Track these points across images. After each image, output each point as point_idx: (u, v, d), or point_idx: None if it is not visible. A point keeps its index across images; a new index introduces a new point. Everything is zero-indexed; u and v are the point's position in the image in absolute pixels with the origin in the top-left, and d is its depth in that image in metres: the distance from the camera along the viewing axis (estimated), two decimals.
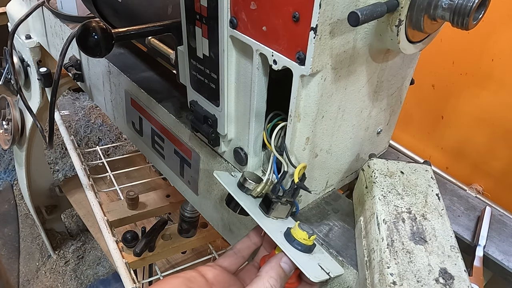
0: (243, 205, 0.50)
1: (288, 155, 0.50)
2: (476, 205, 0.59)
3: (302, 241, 0.46)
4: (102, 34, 0.55)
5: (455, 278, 0.41)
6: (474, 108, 0.81)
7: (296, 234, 0.46)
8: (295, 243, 0.46)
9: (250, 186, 0.52)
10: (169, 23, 0.64)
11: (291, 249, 0.46)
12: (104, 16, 0.91)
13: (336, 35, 0.41)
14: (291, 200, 0.50)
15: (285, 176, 0.51)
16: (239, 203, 0.50)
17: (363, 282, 0.46)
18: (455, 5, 0.40)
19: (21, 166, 1.62)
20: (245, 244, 0.54)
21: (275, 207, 0.49)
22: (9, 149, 1.59)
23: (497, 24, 0.72)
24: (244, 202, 0.50)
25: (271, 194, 0.50)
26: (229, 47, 0.50)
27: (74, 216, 2.13)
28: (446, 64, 0.82)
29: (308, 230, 0.46)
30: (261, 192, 0.52)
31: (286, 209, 0.50)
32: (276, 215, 0.50)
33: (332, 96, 0.47)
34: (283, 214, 0.51)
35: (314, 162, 0.53)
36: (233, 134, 0.59)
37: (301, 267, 0.43)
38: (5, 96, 1.47)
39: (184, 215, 1.21)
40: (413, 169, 0.53)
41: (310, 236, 0.46)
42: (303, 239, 0.46)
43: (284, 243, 0.46)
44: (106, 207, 1.26)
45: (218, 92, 0.55)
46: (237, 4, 0.46)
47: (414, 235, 0.46)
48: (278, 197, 0.50)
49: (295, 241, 0.46)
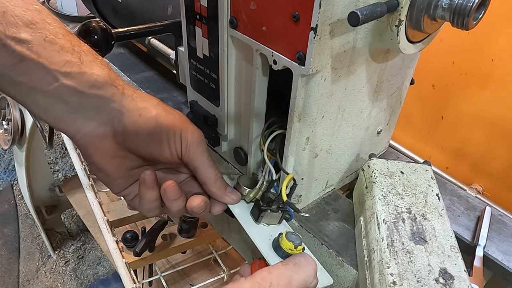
0: (234, 212, 0.50)
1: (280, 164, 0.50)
2: (476, 205, 0.59)
3: (288, 251, 0.45)
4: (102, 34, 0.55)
5: (455, 278, 0.41)
6: (474, 108, 0.81)
7: (283, 244, 0.45)
8: (282, 253, 0.45)
9: (243, 192, 0.52)
10: (169, 23, 0.64)
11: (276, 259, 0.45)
12: (104, 16, 0.91)
13: (336, 35, 0.41)
14: (283, 207, 0.50)
15: (273, 185, 0.51)
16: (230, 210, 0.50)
17: (363, 282, 0.46)
18: (455, 5, 0.40)
19: (21, 166, 1.62)
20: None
21: (264, 215, 0.49)
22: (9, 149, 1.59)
23: (497, 24, 0.72)
24: (236, 208, 0.50)
25: (261, 203, 0.50)
26: (229, 47, 0.50)
27: (74, 216, 2.13)
28: (446, 64, 0.82)
29: (295, 240, 0.45)
30: (254, 197, 0.52)
31: (277, 216, 0.50)
32: (267, 221, 0.50)
33: (332, 96, 0.47)
34: (274, 221, 0.50)
35: (314, 162, 0.53)
36: (233, 134, 0.59)
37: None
38: (5, 96, 1.47)
39: (184, 215, 1.21)
40: (413, 169, 0.53)
41: (296, 246, 0.45)
42: (289, 249, 0.45)
43: (269, 252, 0.45)
44: (106, 207, 1.26)
45: (218, 92, 0.55)
46: (237, 4, 0.46)
47: (414, 235, 0.46)
48: (269, 204, 0.50)
49: (282, 251, 0.45)
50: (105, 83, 0.42)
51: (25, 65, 0.38)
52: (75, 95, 0.41)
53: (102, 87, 0.42)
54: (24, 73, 0.38)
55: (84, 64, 0.41)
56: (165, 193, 0.46)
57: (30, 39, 0.37)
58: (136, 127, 0.44)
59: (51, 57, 0.39)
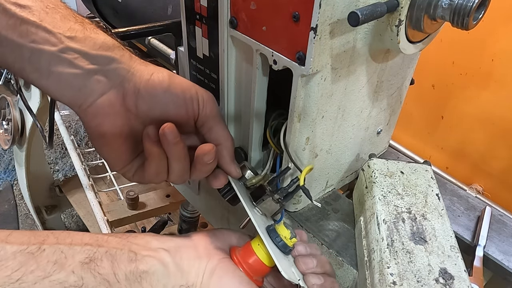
0: (236, 189, 0.49)
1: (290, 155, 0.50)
2: (476, 205, 0.59)
3: (284, 238, 0.45)
4: None
5: (455, 278, 0.41)
6: (474, 108, 0.81)
7: (280, 230, 0.45)
8: (276, 239, 0.45)
9: (247, 175, 0.51)
10: (169, 23, 0.64)
11: (271, 243, 0.45)
12: (104, 16, 0.91)
13: (336, 35, 0.41)
14: (282, 202, 0.49)
15: (287, 172, 0.51)
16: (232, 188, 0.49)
17: (363, 282, 0.46)
18: (455, 5, 0.40)
19: (21, 166, 1.62)
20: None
21: (265, 199, 0.49)
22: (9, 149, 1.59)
23: (497, 24, 0.72)
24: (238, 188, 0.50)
25: (267, 185, 0.49)
26: (229, 47, 0.50)
27: (74, 216, 2.13)
28: (446, 64, 0.82)
29: (291, 232, 0.45)
30: (255, 184, 0.51)
31: (273, 208, 0.50)
32: (263, 209, 0.49)
33: (332, 96, 0.47)
34: (268, 211, 0.50)
35: (314, 162, 0.53)
36: (233, 134, 0.59)
37: (278, 262, 0.42)
38: (5, 96, 1.47)
39: (184, 215, 1.21)
40: (413, 169, 0.53)
41: (292, 237, 0.45)
42: (284, 237, 0.45)
43: (265, 235, 0.45)
44: (106, 207, 1.26)
45: (218, 92, 0.55)
46: (237, 4, 0.46)
47: (414, 235, 0.46)
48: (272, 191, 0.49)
49: (277, 237, 0.45)
50: (113, 45, 0.41)
51: (26, 27, 0.36)
52: (81, 57, 0.39)
53: (109, 49, 0.41)
54: (26, 35, 0.36)
55: (88, 30, 0.40)
56: (164, 135, 0.42)
57: (31, 5, 0.36)
58: (149, 86, 0.42)
59: (53, 22, 0.37)
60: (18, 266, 0.31)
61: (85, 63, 0.39)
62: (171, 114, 0.44)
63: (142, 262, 0.37)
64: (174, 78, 0.44)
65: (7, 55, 0.37)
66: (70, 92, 0.40)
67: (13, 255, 0.31)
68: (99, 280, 0.34)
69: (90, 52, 0.39)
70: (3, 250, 0.31)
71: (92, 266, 0.34)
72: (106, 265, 0.35)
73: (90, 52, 0.39)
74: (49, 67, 0.38)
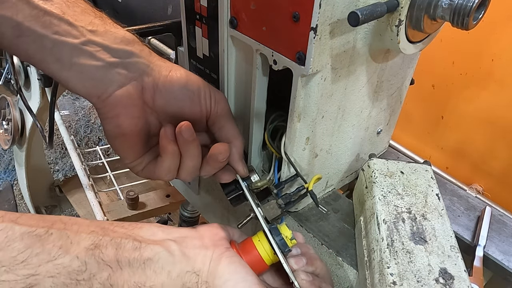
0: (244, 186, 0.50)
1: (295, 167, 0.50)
2: (476, 205, 0.59)
3: (285, 238, 0.45)
4: None
5: (455, 278, 0.41)
6: (474, 108, 0.81)
7: (282, 230, 0.45)
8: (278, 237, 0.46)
9: (253, 178, 0.51)
10: (169, 23, 0.64)
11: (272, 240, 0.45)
12: None
13: (336, 35, 0.41)
14: (284, 208, 0.50)
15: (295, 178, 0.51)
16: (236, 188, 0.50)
17: (363, 282, 0.46)
18: (455, 5, 0.40)
19: (21, 166, 1.62)
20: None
21: (270, 201, 0.49)
22: (9, 149, 1.59)
23: (497, 24, 0.72)
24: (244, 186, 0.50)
25: (273, 188, 0.50)
26: (229, 47, 0.50)
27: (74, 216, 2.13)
28: (446, 64, 0.82)
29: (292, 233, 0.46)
30: (260, 187, 0.52)
31: (274, 212, 0.50)
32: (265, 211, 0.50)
33: (332, 96, 0.47)
34: (269, 215, 0.50)
35: (314, 162, 0.53)
36: None
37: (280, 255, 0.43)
38: (5, 96, 1.47)
39: (184, 215, 1.21)
40: (413, 169, 0.53)
41: (292, 238, 0.45)
42: (286, 237, 0.45)
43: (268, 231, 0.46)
44: (106, 207, 1.26)
45: None
46: (237, 4, 0.46)
47: (414, 235, 0.46)
48: (277, 195, 0.50)
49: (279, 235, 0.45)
50: (133, 40, 0.43)
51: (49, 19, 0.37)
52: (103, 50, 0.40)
53: (129, 43, 0.42)
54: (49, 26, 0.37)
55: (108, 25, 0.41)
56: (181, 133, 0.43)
57: None
58: (168, 81, 0.44)
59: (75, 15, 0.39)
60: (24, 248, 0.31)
61: (107, 56, 0.41)
62: (186, 111, 0.46)
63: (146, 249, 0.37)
64: (191, 76, 0.46)
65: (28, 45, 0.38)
66: (91, 83, 0.41)
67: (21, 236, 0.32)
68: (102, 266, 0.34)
69: (111, 45, 0.41)
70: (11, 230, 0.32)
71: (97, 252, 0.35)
72: (110, 252, 0.35)
73: (111, 46, 0.41)
74: (71, 58, 0.39)
